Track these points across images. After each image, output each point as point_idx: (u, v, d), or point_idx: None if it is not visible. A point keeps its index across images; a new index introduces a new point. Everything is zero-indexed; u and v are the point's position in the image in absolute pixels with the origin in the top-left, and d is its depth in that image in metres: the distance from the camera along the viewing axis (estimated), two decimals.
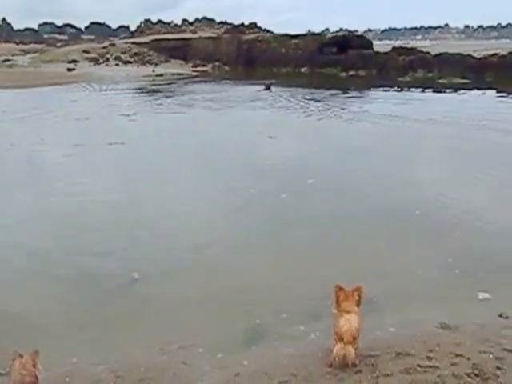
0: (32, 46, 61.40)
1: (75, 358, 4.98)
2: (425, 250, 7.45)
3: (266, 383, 4.50)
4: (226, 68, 48.78)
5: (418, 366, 4.57)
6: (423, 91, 28.90)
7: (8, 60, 49.64)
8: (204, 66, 49.68)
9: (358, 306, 4.74)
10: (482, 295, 6.05)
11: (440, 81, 34.07)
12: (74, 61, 48.47)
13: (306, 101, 25.39)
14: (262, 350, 5.18)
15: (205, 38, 52.39)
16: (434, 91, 28.92)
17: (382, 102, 24.06)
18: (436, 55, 38.68)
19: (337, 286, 4.80)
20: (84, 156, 13.94)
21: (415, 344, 4.95)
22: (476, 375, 4.35)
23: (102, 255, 7.46)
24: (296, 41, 46.15)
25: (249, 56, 47.47)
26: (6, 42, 62.07)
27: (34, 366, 3.89)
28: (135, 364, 4.89)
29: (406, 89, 29.46)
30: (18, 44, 62.97)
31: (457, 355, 4.73)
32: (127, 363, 4.90)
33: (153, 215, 9.15)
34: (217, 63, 49.72)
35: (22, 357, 3.91)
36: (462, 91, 28.35)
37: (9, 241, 8.07)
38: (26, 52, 56.44)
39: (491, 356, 4.62)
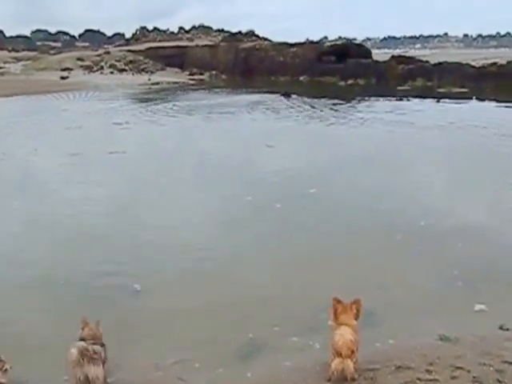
0: (25, 53, 61.60)
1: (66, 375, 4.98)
2: (427, 262, 7.50)
3: None
4: (224, 76, 49.08)
5: (418, 379, 4.62)
6: (423, 100, 29.12)
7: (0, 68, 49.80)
8: (201, 74, 50.00)
9: (356, 319, 4.79)
10: (480, 307, 6.10)
11: (439, 90, 34.39)
12: (67, 68, 48.70)
13: (305, 108, 25.61)
14: (259, 363, 5.20)
15: (202, 46, 52.82)
16: (435, 100, 29.12)
17: (382, 111, 24.25)
18: (435, 64, 39.09)
19: (335, 298, 4.86)
20: (84, 165, 14.01)
21: (415, 357, 4.99)
22: None
23: (102, 265, 7.53)
24: (294, 49, 46.59)
25: (246, 64, 47.84)
26: None
27: (98, 330, 4.79)
28: (130, 380, 4.91)
29: (404, 98, 29.68)
30: (10, 51, 63.15)
31: (457, 368, 4.78)
32: (121, 379, 4.91)
33: (154, 224, 9.24)
34: (214, 72, 50.06)
35: (88, 324, 4.79)
36: (462, 100, 28.57)
37: (5, 252, 8.07)
38: (18, 59, 56.63)
39: (491, 369, 4.68)
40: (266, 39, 55.46)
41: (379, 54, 50.86)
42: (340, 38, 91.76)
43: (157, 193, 11.32)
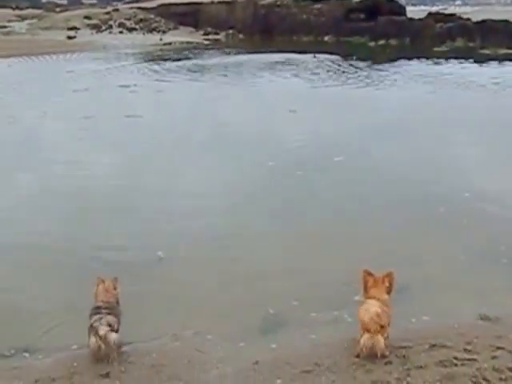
0: (29, 11, 61.58)
1: (75, 345, 5.10)
2: (471, 236, 7.42)
3: (287, 372, 4.58)
4: (241, 36, 48.44)
5: (455, 358, 4.61)
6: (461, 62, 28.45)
7: (4, 27, 49.88)
8: (216, 34, 49.40)
9: (388, 293, 4.77)
10: None
11: (482, 51, 33.44)
12: (74, 28, 48.57)
13: (331, 70, 25.23)
14: (281, 338, 5.25)
15: (218, 2, 51.96)
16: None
17: (416, 74, 23.76)
18: (478, 22, 37.91)
19: (365, 271, 4.84)
20: (99, 129, 14.09)
21: (451, 335, 4.98)
22: None
23: (124, 232, 7.79)
24: (319, 6, 45.54)
25: (266, 23, 47.01)
26: (0, 7, 62.31)
27: (114, 289, 4.99)
28: (147, 349, 5.01)
29: (443, 60, 28.98)
30: (14, 9, 63.17)
31: (497, 348, 4.76)
32: (139, 348, 5.02)
33: (175, 191, 9.42)
34: (230, 31, 49.39)
35: (104, 282, 4.96)
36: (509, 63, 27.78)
37: (16, 223, 8.20)
38: (22, 18, 56.66)
39: None
40: None
41: (414, 12, 49.49)
42: None
43: (176, 158, 11.43)
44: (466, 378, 4.34)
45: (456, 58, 29.74)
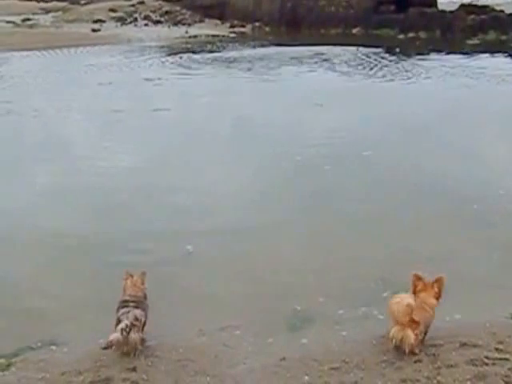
0: (54, 3, 62.15)
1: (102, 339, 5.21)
2: (500, 236, 7.36)
3: (315, 369, 4.63)
4: (267, 29, 48.28)
5: (486, 357, 4.60)
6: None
7: (28, 19, 50.61)
8: (242, 26, 49.31)
9: (437, 298, 4.78)
10: None
11: None
12: (99, 20, 48.98)
13: (360, 62, 25.04)
14: (309, 334, 5.30)
15: None
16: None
17: (447, 68, 23.43)
18: (511, 14, 37.17)
19: (415, 274, 4.86)
20: (130, 122, 14.28)
21: (483, 334, 4.97)
22: None
23: (152, 226, 7.96)
24: None
25: (293, 15, 46.74)
26: None
27: (142, 284, 5.11)
28: (173, 344, 5.11)
29: (474, 54, 28.52)
30: (38, 2, 63.93)
31: None
32: (165, 343, 5.12)
33: (201, 185, 9.60)
34: (257, 23, 49.26)
35: (132, 276, 5.09)
36: None
37: (41, 222, 8.33)
38: (47, 11, 57.34)
39: None
40: None
41: (445, 4, 48.72)
42: None
43: (204, 152, 11.51)
44: (498, 378, 4.33)
45: (488, 51, 29.23)
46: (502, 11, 39.14)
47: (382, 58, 26.96)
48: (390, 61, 26.05)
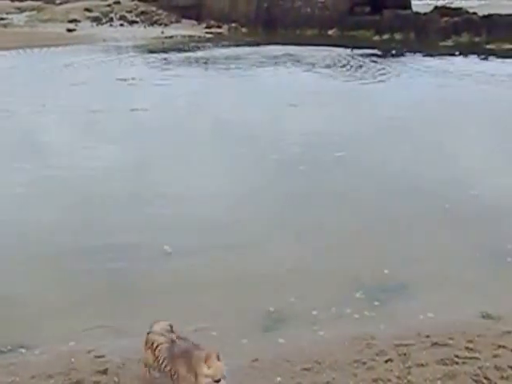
0: (28, 3, 61.27)
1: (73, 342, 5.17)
2: (476, 235, 7.45)
3: (287, 370, 4.62)
4: (244, 30, 48.32)
5: (456, 356, 4.65)
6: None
7: (2, 19, 49.86)
8: (219, 27, 49.27)
9: None
10: None
11: (488, 46, 33.35)
12: (74, 20, 48.48)
13: (334, 63, 25.20)
14: (282, 335, 5.29)
15: None
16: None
17: (421, 69, 23.73)
18: (484, 16, 37.74)
19: None
20: (105, 124, 14.10)
21: (453, 333, 5.02)
22: None
23: (131, 227, 7.86)
24: None
25: (269, 16, 46.90)
26: None
27: None
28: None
29: (447, 55, 28.94)
30: (12, 1, 62.99)
31: (499, 347, 4.81)
32: (137, 345, 5.04)
33: (179, 186, 9.52)
34: (233, 24, 49.30)
35: None
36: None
37: (17, 220, 8.23)
38: (21, 10, 56.52)
39: None
40: None
41: (420, 6, 49.30)
42: None
43: (182, 151, 11.48)
44: (467, 377, 4.38)
45: (461, 53, 29.71)
46: (475, 13, 39.79)
47: (358, 59, 27.19)
48: (366, 62, 26.29)
